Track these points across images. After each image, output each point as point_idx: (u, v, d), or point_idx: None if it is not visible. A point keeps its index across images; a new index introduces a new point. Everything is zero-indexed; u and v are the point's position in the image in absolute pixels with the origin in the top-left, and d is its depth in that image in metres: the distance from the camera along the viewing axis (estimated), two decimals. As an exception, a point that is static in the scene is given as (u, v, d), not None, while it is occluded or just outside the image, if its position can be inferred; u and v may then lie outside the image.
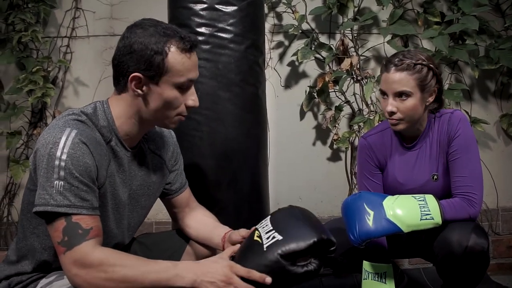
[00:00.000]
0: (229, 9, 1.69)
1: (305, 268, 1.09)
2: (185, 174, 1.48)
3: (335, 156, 2.58)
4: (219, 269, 1.09)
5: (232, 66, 1.70)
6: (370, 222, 1.40)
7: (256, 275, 1.08)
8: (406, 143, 1.62)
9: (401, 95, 1.49)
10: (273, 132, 2.49)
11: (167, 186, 1.41)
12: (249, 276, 1.08)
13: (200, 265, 1.11)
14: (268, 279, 1.07)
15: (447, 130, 1.55)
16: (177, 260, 1.37)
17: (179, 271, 1.08)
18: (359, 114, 2.49)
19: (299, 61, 2.45)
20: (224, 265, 1.10)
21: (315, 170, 2.56)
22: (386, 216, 1.40)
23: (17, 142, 2.39)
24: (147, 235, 1.52)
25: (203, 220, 1.44)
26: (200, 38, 1.66)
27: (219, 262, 1.12)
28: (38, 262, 1.19)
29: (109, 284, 1.04)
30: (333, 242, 1.12)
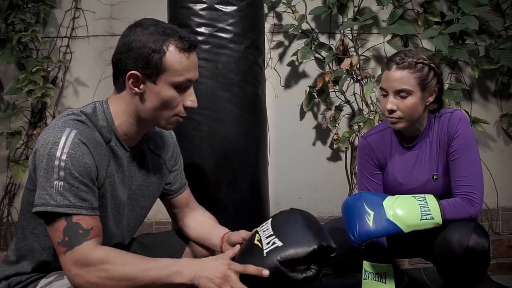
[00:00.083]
0: (229, 9, 1.69)
1: (304, 275, 1.09)
2: (185, 174, 1.48)
3: (335, 156, 2.58)
4: (218, 266, 1.10)
5: (232, 66, 1.69)
6: (370, 222, 1.40)
7: (253, 269, 1.08)
8: (406, 143, 1.62)
9: (402, 94, 1.49)
10: (273, 132, 2.48)
11: (167, 187, 1.41)
12: (246, 271, 1.09)
13: (200, 262, 1.12)
14: (265, 272, 1.07)
15: (447, 130, 1.55)
16: (177, 260, 1.38)
17: (179, 268, 1.08)
18: (359, 114, 2.49)
19: (299, 61, 2.45)
20: (223, 263, 1.11)
21: (315, 170, 2.56)
22: (386, 216, 1.40)
23: (17, 142, 2.38)
24: (147, 235, 1.52)
25: (202, 221, 1.44)
26: (200, 38, 1.66)
27: (218, 260, 1.13)
28: (38, 262, 1.19)
29: (110, 283, 1.04)
30: (333, 249, 1.12)
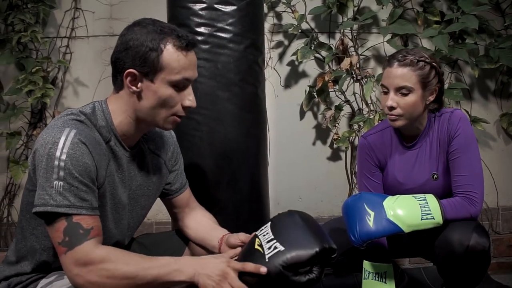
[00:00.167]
0: (228, 9, 1.69)
1: (308, 277, 1.09)
2: (185, 174, 1.47)
3: (335, 156, 2.58)
4: (217, 264, 1.10)
5: (232, 66, 1.69)
6: (371, 223, 1.39)
7: (251, 267, 1.09)
8: (406, 142, 1.62)
9: (402, 91, 1.49)
10: (273, 132, 2.48)
11: (167, 187, 1.41)
12: (244, 268, 1.09)
13: (200, 260, 1.12)
14: (263, 269, 1.07)
15: (447, 129, 1.55)
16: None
17: (179, 266, 1.09)
18: (359, 114, 2.49)
19: (299, 61, 2.44)
20: (222, 261, 1.11)
21: (315, 170, 2.56)
22: (387, 217, 1.39)
23: (17, 143, 2.38)
24: (147, 236, 1.52)
25: (202, 221, 1.43)
26: (199, 38, 1.65)
27: (218, 258, 1.13)
28: (38, 263, 1.19)
29: (111, 282, 1.04)
30: (334, 250, 1.12)
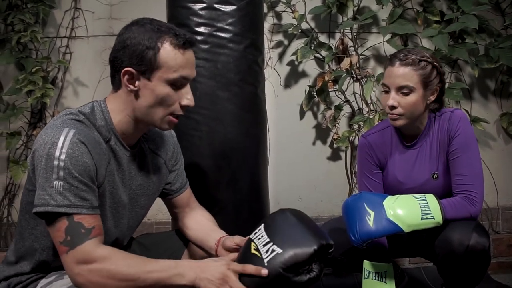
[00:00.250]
0: (228, 9, 1.69)
1: (308, 276, 1.09)
2: (185, 174, 1.47)
3: (335, 156, 2.58)
4: (217, 267, 1.10)
5: (231, 66, 1.69)
6: (371, 223, 1.39)
7: (252, 269, 1.08)
8: (407, 142, 1.62)
9: (404, 90, 1.49)
10: (273, 132, 2.48)
11: (167, 186, 1.40)
12: (245, 270, 1.09)
13: (201, 264, 1.12)
14: (264, 271, 1.07)
15: (447, 129, 1.54)
16: (177, 260, 1.37)
17: (180, 270, 1.08)
18: (359, 113, 2.49)
19: (299, 61, 2.44)
20: (222, 263, 1.11)
21: (315, 170, 2.56)
22: (387, 216, 1.39)
23: (17, 143, 2.38)
24: (147, 236, 1.52)
25: (202, 222, 1.43)
26: (199, 38, 1.65)
27: (218, 261, 1.13)
28: (37, 263, 1.19)
29: (112, 283, 1.04)
30: (332, 245, 1.12)
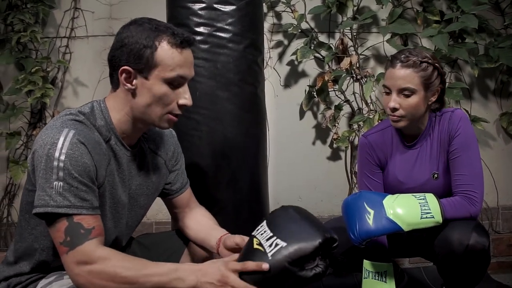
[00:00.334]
0: (228, 9, 1.69)
1: (314, 271, 1.06)
2: (186, 174, 1.47)
3: (335, 155, 2.58)
4: (216, 269, 1.08)
5: (231, 66, 1.69)
6: (371, 221, 1.39)
7: (252, 265, 1.06)
8: (407, 142, 1.62)
9: (405, 92, 1.48)
10: (273, 132, 2.48)
11: (167, 186, 1.40)
12: (245, 268, 1.06)
13: (201, 267, 1.10)
14: (265, 266, 1.05)
15: (448, 129, 1.54)
16: (176, 261, 1.37)
17: (180, 275, 1.07)
18: (359, 113, 2.49)
19: (299, 61, 2.44)
20: (221, 264, 1.09)
21: (315, 170, 2.56)
22: (387, 215, 1.39)
23: (17, 143, 2.38)
24: (147, 236, 1.52)
25: (202, 221, 1.43)
26: (199, 38, 1.65)
27: (217, 262, 1.11)
28: (37, 263, 1.19)
29: (111, 285, 1.04)
30: (335, 239, 1.09)
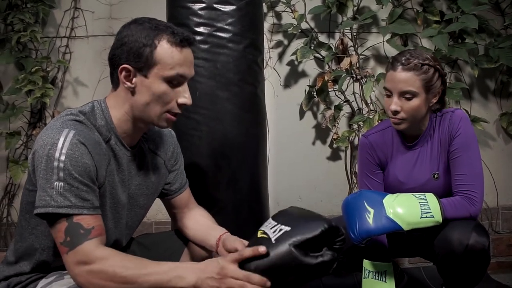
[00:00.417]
0: (228, 9, 1.69)
1: (320, 259, 1.01)
2: (185, 174, 1.47)
3: (335, 156, 2.58)
4: (215, 264, 1.07)
5: (231, 66, 1.69)
6: (370, 220, 1.40)
7: (249, 251, 1.04)
8: (408, 142, 1.62)
9: (406, 95, 1.48)
10: (273, 132, 2.48)
11: (166, 187, 1.40)
12: (242, 255, 1.04)
13: (200, 265, 1.10)
14: (262, 249, 1.01)
15: (448, 129, 1.54)
16: (176, 261, 1.36)
17: (180, 273, 1.06)
18: (359, 113, 2.49)
19: (299, 61, 2.44)
20: (219, 258, 1.09)
21: (315, 170, 2.56)
22: (386, 214, 1.40)
23: (16, 143, 2.39)
24: (146, 236, 1.52)
25: (201, 221, 1.43)
26: (199, 38, 1.65)
27: (214, 259, 1.10)
28: (37, 262, 1.19)
29: (111, 285, 1.04)
30: (342, 231, 1.06)
